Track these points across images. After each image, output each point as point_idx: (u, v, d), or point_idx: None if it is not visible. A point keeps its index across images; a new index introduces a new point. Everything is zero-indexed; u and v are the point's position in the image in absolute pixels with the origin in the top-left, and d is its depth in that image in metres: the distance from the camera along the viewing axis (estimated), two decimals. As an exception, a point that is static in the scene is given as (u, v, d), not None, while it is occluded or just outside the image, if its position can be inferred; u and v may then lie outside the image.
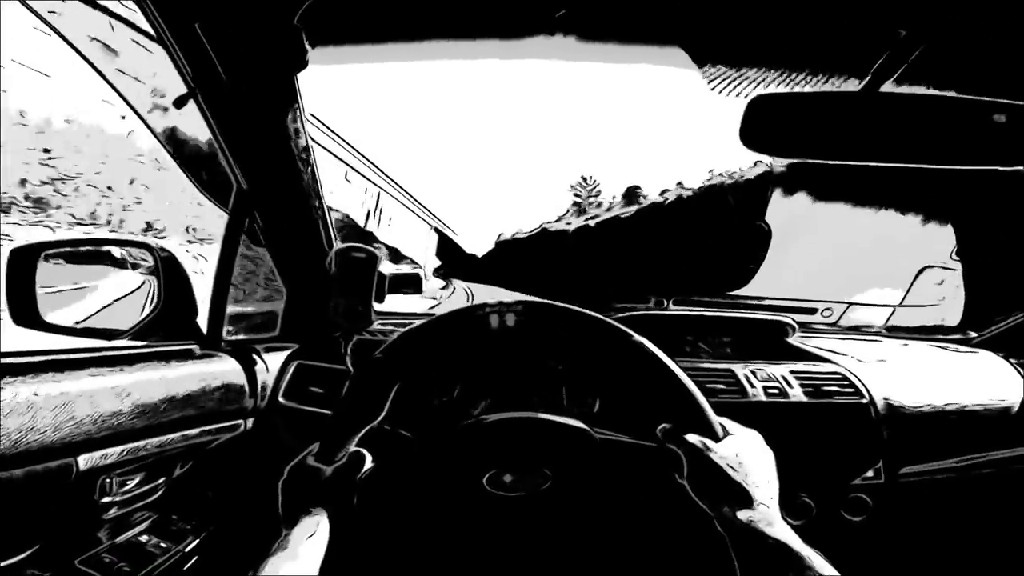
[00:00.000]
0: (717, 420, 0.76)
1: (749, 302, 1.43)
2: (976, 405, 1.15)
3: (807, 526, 1.06)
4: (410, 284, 1.34)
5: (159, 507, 1.04)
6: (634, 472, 0.87)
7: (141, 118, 0.99)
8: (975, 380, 1.22)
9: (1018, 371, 1.23)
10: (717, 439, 0.74)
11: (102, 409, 0.85)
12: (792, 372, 1.15)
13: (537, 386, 1.10)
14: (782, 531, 0.61)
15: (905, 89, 0.90)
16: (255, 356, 1.20)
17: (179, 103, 0.93)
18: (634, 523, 0.95)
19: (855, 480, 1.09)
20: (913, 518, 1.12)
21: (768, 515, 0.64)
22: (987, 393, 1.18)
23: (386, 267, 1.28)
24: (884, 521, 1.08)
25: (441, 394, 1.09)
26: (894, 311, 1.49)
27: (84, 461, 0.83)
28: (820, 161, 0.86)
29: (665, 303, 1.48)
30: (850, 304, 1.45)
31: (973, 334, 1.42)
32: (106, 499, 0.90)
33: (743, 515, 0.64)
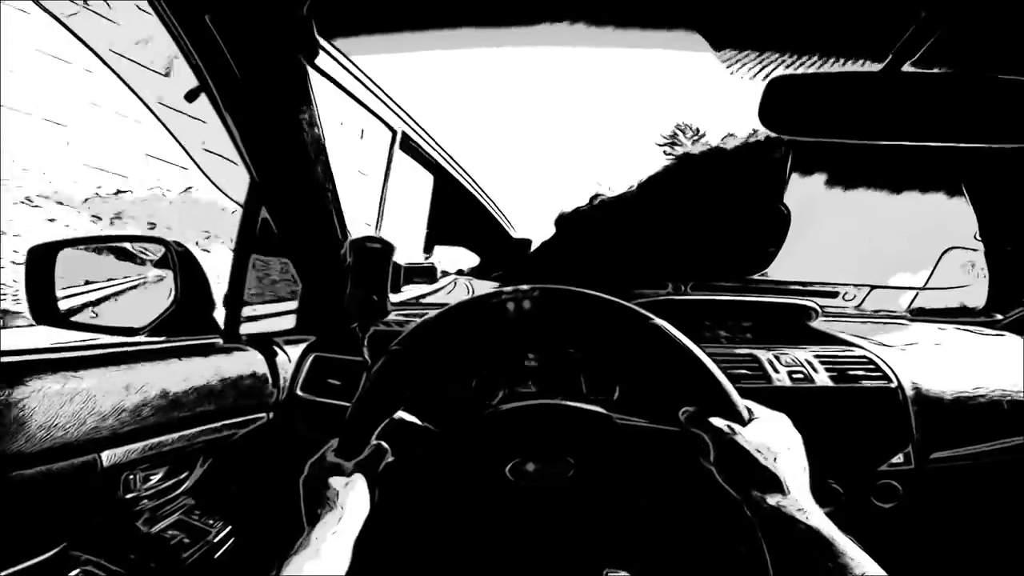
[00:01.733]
0: (743, 403, 0.74)
1: (770, 286, 1.41)
2: (1006, 389, 1.13)
3: (836, 512, 1.04)
4: (425, 275, 1.34)
5: (184, 502, 1.05)
6: (658, 457, 0.86)
7: (155, 114, 0.98)
8: (1004, 364, 1.19)
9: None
10: (743, 423, 0.72)
11: (126, 405, 0.85)
12: (817, 356, 1.13)
13: (557, 374, 1.10)
14: (815, 517, 0.60)
15: (926, 69, 0.88)
16: (277, 348, 1.21)
17: (191, 97, 0.92)
18: (660, 509, 0.94)
19: (884, 466, 1.07)
20: (944, 505, 1.10)
21: (799, 500, 0.63)
22: (1016, 377, 1.15)
23: (400, 258, 1.28)
24: (915, 508, 1.07)
25: (460, 384, 1.09)
26: (918, 294, 1.46)
27: (107, 457, 0.83)
28: (840, 141, 0.85)
29: (684, 288, 1.46)
30: (873, 287, 1.43)
31: (999, 316, 1.40)
32: (130, 495, 0.90)
33: (773, 500, 0.63)
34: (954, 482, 1.09)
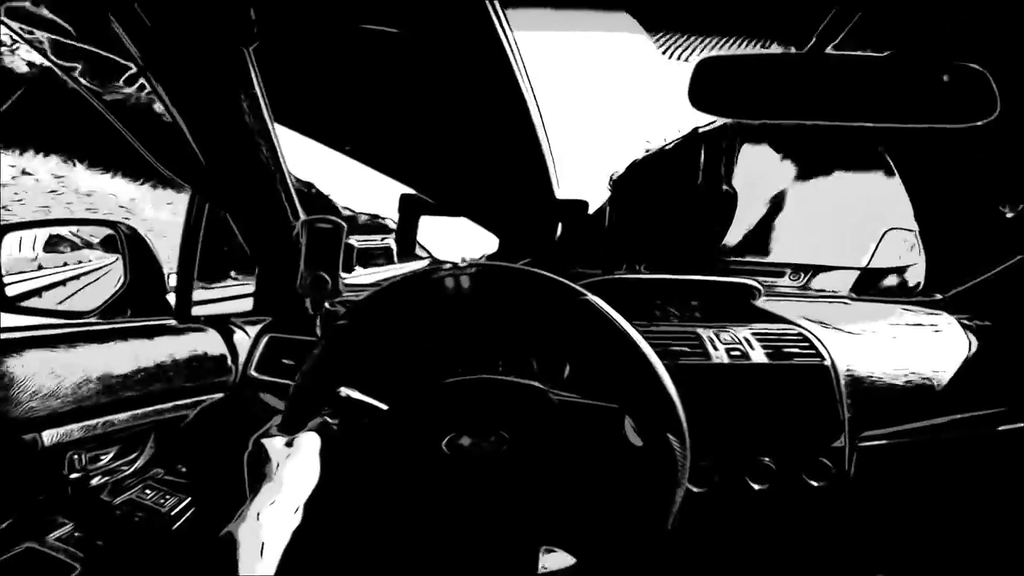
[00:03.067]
0: (672, 387, 0.77)
1: (717, 265, 1.44)
2: (937, 369, 1.17)
3: (770, 490, 1.07)
4: (381, 255, 1.35)
5: (135, 480, 1.07)
6: (593, 432, 0.88)
7: (96, 98, 0.98)
8: (937, 344, 1.23)
9: (969, 334, 1.24)
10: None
11: (68, 386, 0.87)
12: (754, 334, 1.16)
13: (506, 351, 1.12)
14: None
15: (849, 50, 0.90)
16: (234, 328, 1.22)
17: (129, 81, 0.92)
18: (595, 484, 0.96)
19: (819, 443, 1.09)
20: (875, 482, 1.13)
21: None
22: (948, 356, 1.19)
23: (355, 239, 1.29)
24: (846, 486, 1.09)
25: (411, 361, 1.10)
26: (860, 274, 1.50)
27: (49, 436, 0.84)
28: (769, 121, 0.87)
29: (638, 268, 1.49)
30: (817, 267, 1.46)
31: (938, 296, 1.43)
32: (75, 474, 0.92)
33: None
34: (885, 460, 1.12)
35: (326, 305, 1.24)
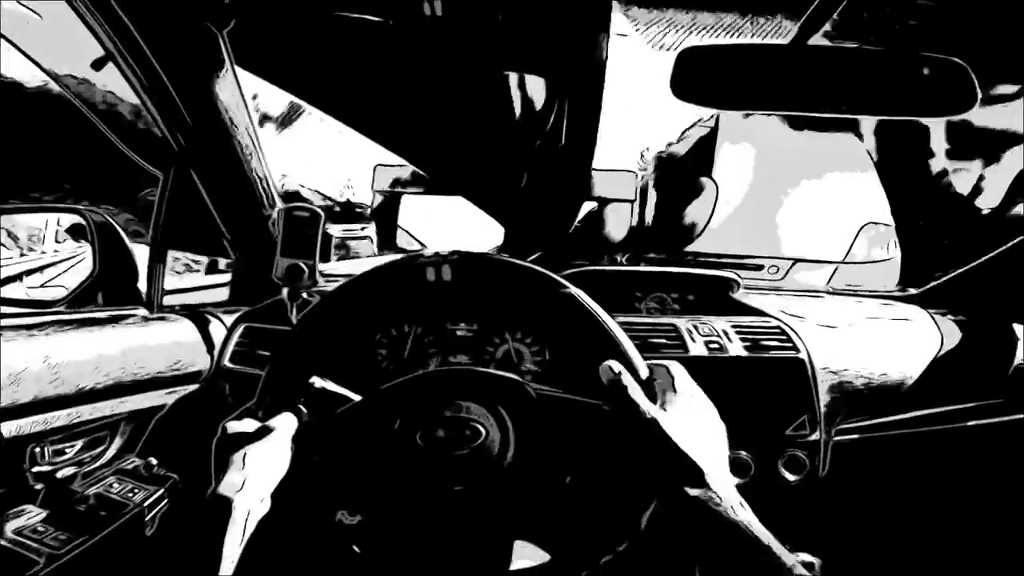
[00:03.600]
0: (648, 365, 0.76)
1: (698, 258, 1.45)
2: (910, 363, 1.18)
3: (747, 484, 1.07)
4: (359, 245, 1.33)
5: (103, 473, 1.04)
6: (574, 427, 0.87)
7: (59, 81, 0.95)
8: (911, 338, 1.24)
9: (943, 329, 1.26)
10: (654, 397, 0.68)
11: (27, 377, 0.84)
12: (733, 326, 1.16)
13: (485, 343, 1.11)
14: (740, 512, 0.56)
15: (833, 42, 0.90)
16: (209, 317, 1.20)
17: (97, 65, 0.89)
18: (574, 480, 0.95)
19: (794, 436, 1.09)
20: (848, 475, 1.13)
21: (723, 492, 0.58)
22: (922, 351, 1.21)
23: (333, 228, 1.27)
24: (820, 479, 1.10)
25: (392, 352, 1.09)
26: (837, 268, 1.51)
27: (8, 429, 0.82)
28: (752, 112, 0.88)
29: (619, 259, 1.49)
30: (796, 260, 1.47)
31: (913, 290, 1.45)
32: (38, 467, 0.90)
33: (694, 492, 0.57)
34: (859, 453, 1.13)
35: (303, 295, 1.22)
